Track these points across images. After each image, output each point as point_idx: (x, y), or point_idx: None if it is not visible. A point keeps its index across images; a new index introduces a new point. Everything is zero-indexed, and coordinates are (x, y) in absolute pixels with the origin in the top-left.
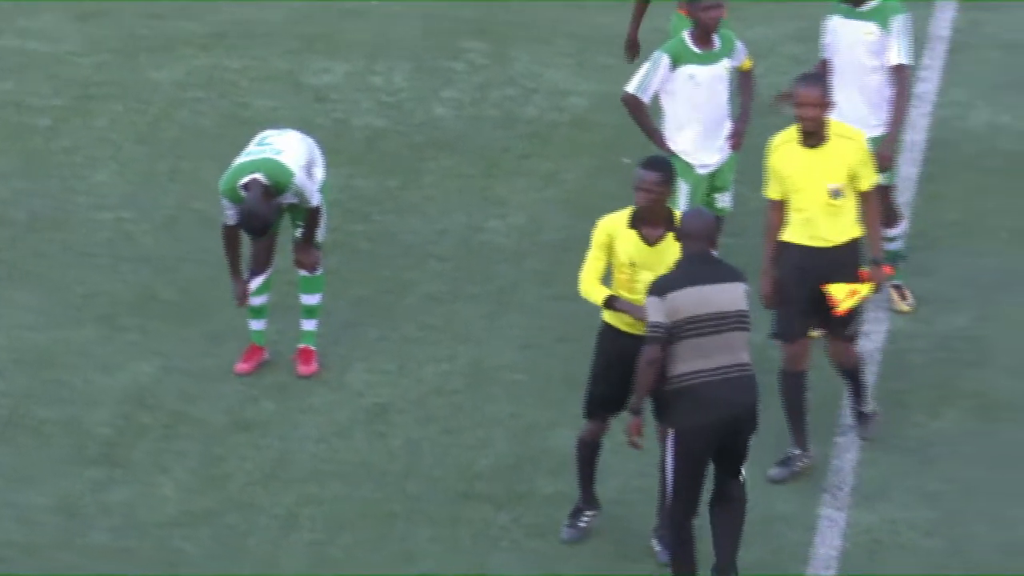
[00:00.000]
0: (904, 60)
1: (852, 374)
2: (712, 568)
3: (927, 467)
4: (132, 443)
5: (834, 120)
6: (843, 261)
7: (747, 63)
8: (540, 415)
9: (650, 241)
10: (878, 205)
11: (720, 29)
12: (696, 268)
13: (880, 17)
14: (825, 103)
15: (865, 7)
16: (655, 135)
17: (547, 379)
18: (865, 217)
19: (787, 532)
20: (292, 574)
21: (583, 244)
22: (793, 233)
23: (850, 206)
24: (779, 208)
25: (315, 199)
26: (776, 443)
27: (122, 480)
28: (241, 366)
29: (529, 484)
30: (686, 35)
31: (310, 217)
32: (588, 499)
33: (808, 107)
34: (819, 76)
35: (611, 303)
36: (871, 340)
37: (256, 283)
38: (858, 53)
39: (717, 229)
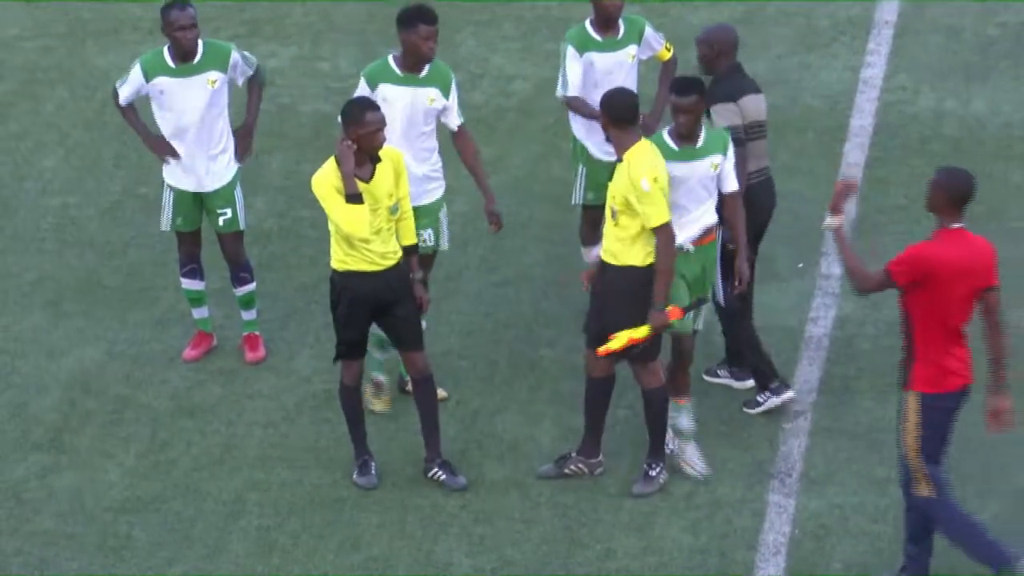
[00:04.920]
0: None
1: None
2: None
3: (875, 453)
4: (78, 428)
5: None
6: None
7: (665, 52)
8: (486, 401)
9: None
10: (662, 243)
11: (627, 15)
12: (746, 77)
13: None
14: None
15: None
16: (589, 113)
17: (492, 365)
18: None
19: (735, 518)
20: (239, 564)
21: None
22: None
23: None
24: None
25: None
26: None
27: (68, 465)
28: (189, 353)
29: (477, 470)
30: (588, 22)
31: (257, 89)
32: (364, 446)
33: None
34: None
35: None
36: (819, 325)
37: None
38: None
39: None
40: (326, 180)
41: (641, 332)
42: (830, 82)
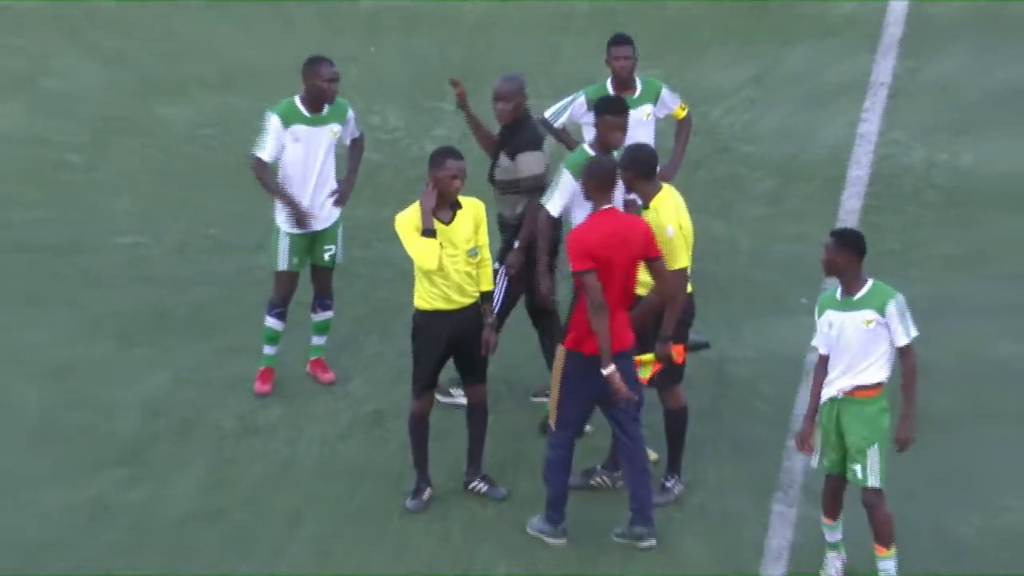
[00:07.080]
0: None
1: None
2: None
3: None
4: (149, 448)
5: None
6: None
7: (680, 111)
8: (518, 421)
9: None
10: (678, 282)
11: (646, 77)
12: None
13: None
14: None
15: None
16: (567, 143)
17: (524, 390)
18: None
19: (743, 526)
20: (297, 571)
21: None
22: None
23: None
24: None
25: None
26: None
27: (140, 480)
28: (261, 387)
29: (511, 483)
30: (608, 81)
31: (360, 149)
32: (426, 473)
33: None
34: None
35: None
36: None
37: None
38: None
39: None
40: (407, 219)
41: (647, 358)
42: (832, 136)
